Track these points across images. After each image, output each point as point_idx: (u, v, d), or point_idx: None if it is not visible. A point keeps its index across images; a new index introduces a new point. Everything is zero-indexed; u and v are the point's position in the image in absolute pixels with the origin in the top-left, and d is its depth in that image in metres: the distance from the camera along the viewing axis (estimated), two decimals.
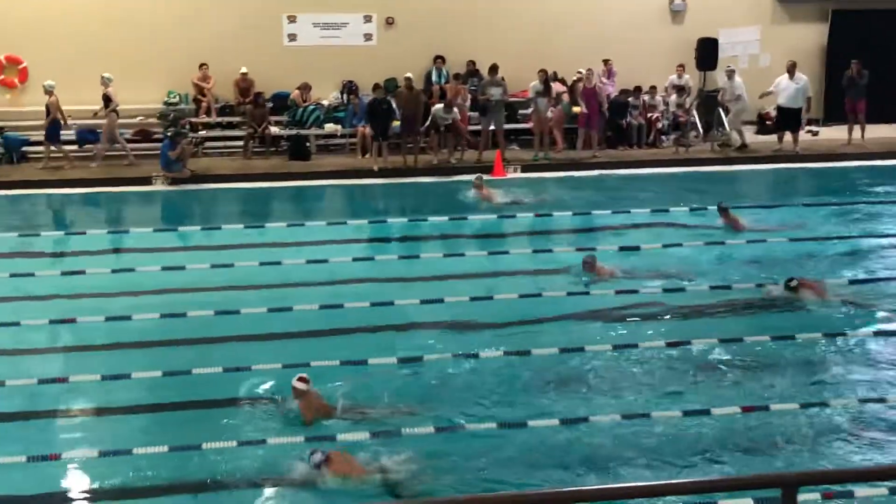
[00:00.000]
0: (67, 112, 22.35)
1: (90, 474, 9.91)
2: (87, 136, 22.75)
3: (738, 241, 17.14)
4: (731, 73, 24.44)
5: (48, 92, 21.65)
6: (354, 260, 16.45)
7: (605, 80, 24.97)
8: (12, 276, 15.50)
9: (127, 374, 12.01)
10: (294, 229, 18.28)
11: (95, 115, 22.55)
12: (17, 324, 13.52)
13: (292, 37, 24.83)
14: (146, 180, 21.39)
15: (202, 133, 23.70)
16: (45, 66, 23.23)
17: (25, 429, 10.86)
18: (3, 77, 23.48)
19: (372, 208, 20.48)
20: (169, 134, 21.86)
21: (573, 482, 9.42)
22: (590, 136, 23.77)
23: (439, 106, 22.62)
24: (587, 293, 14.67)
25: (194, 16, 24.08)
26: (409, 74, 23.03)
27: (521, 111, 25.15)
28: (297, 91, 24.19)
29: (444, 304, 14.16)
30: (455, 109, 22.57)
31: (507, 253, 16.94)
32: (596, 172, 22.92)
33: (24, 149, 22.72)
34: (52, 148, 21.90)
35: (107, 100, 22.17)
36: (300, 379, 10.91)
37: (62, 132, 22.08)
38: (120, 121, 23.01)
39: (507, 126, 24.02)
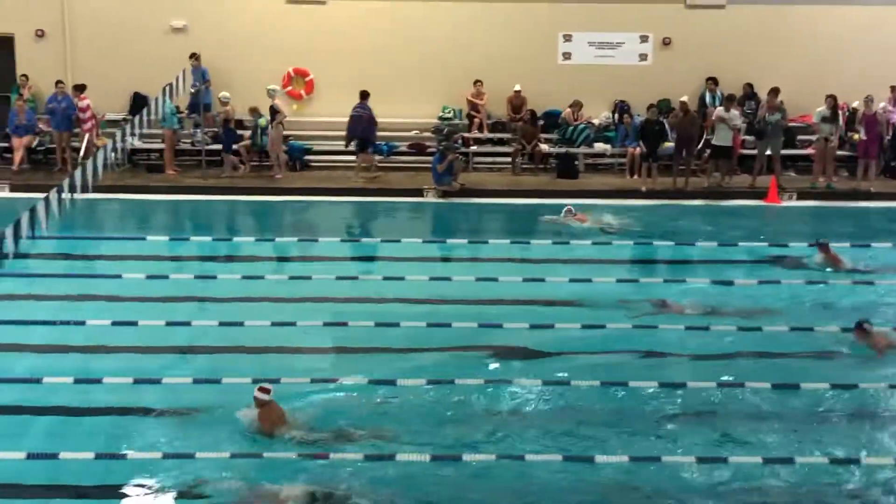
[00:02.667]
0: (346, 124, 23.43)
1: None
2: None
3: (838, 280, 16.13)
4: None
5: (224, 103, 23.20)
6: (618, 281, 16.32)
7: (890, 107, 23.75)
8: (291, 278, 16.26)
9: (392, 381, 12.36)
10: (558, 247, 18.31)
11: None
12: (292, 324, 14.16)
13: (567, 55, 24.93)
14: (418, 192, 21.97)
15: (473, 148, 24.12)
16: (330, 78, 24.30)
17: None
18: (290, 88, 24.67)
19: (637, 230, 20.21)
20: (440, 148, 22.38)
21: None
22: (868, 164, 22.72)
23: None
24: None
25: (471, 33, 24.56)
26: (684, 98, 22.75)
27: (798, 136, 24.31)
28: (568, 109, 24.27)
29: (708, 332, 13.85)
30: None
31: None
32: (870, 204, 21.82)
33: (307, 157, 23.76)
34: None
35: (273, 112, 22.99)
36: (262, 389, 10.87)
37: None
38: (396, 133, 23.82)
39: (784, 151, 23.27)
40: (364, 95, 22.87)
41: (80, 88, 22.59)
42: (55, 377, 12.24)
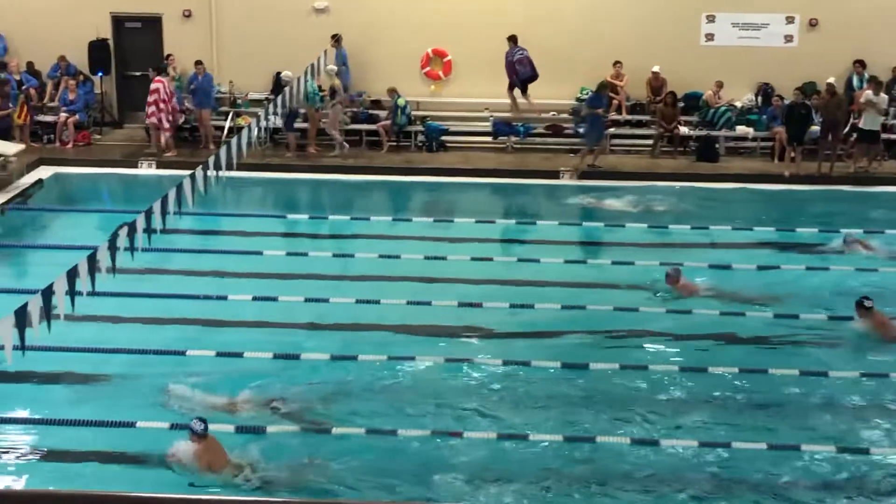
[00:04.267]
0: (485, 105, 23.51)
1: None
2: (502, 127, 23.58)
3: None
4: None
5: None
6: (759, 269, 16.03)
7: None
8: (427, 258, 16.38)
9: (526, 362, 12.40)
10: (699, 232, 18.05)
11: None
12: (428, 303, 14.30)
13: (709, 36, 24.45)
14: (554, 174, 21.87)
15: (612, 130, 23.86)
16: (468, 59, 24.32)
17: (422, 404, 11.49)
18: (429, 69, 24.78)
19: (778, 215, 19.76)
20: (580, 131, 22.24)
21: None
22: None
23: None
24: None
25: (611, 13, 24.27)
26: (831, 80, 22.08)
27: None
28: (710, 92, 23.82)
29: None
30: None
31: None
32: None
33: (443, 138, 23.86)
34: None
35: (332, 92, 23.03)
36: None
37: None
38: (533, 115, 23.74)
39: None
40: (514, 39, 22.99)
41: (157, 70, 23.05)
42: (198, 350, 12.61)
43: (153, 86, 22.23)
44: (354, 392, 11.85)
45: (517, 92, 23.28)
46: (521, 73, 23.05)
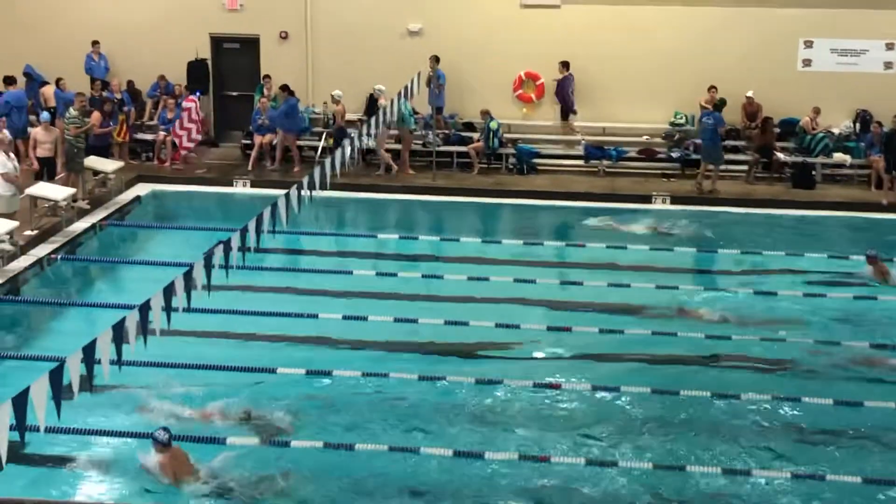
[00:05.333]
0: (577, 128, 23.49)
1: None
2: (594, 151, 23.48)
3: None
4: None
5: (336, 101, 23.45)
6: (855, 298, 15.74)
7: None
8: (516, 280, 16.34)
9: (615, 388, 12.32)
10: (792, 258, 17.77)
11: (604, 131, 23.48)
12: (517, 326, 14.28)
13: (807, 62, 24.10)
14: (647, 198, 21.71)
15: None
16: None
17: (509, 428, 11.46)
18: (521, 92, 24.79)
19: (876, 244, 19.32)
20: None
21: None
22: None
23: None
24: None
25: (706, 38, 24.03)
26: None
27: None
28: (807, 118, 23.46)
29: None
30: None
31: None
32: None
33: (534, 161, 23.82)
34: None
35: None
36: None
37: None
38: (625, 139, 23.62)
39: None
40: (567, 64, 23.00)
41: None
42: (288, 368, 12.74)
43: (185, 104, 22.92)
44: (442, 411, 11.88)
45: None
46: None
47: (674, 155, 23.04)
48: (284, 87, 23.23)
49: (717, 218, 20.50)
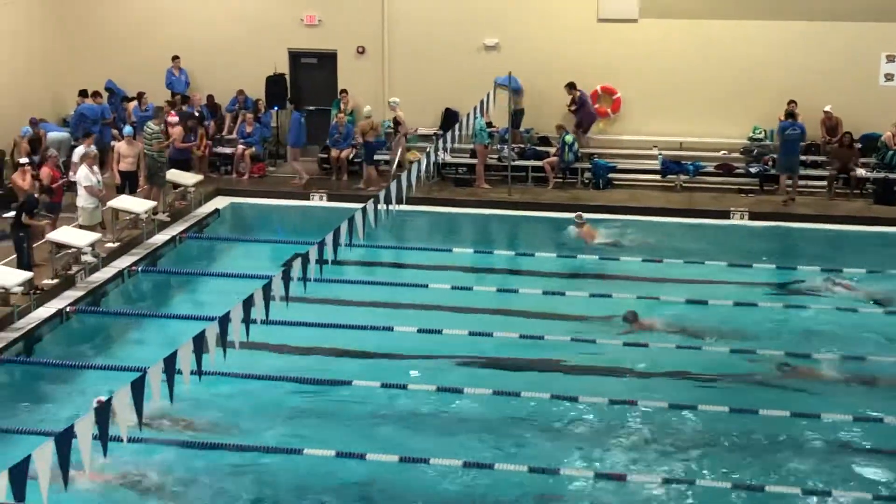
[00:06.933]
0: (654, 143, 23.31)
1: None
2: (671, 165, 23.28)
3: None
4: None
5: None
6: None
7: None
8: (591, 296, 16.26)
9: (693, 406, 12.24)
10: (875, 277, 17.47)
11: (682, 146, 23.29)
12: (592, 341, 14.22)
13: (889, 76, 23.67)
14: (725, 214, 21.48)
15: None
16: (637, 97, 24.16)
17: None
18: (597, 106, 24.70)
19: None
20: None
21: None
22: None
23: None
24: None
25: (785, 52, 23.73)
26: None
27: None
28: (888, 133, 23.03)
29: None
30: None
31: None
32: None
33: (611, 175, 23.70)
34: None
35: (396, 124, 23.00)
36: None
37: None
38: (703, 153, 23.40)
39: None
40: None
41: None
42: (364, 381, 12.82)
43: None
44: (518, 427, 11.87)
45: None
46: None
47: (752, 170, 22.76)
48: (339, 113, 23.58)
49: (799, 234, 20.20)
